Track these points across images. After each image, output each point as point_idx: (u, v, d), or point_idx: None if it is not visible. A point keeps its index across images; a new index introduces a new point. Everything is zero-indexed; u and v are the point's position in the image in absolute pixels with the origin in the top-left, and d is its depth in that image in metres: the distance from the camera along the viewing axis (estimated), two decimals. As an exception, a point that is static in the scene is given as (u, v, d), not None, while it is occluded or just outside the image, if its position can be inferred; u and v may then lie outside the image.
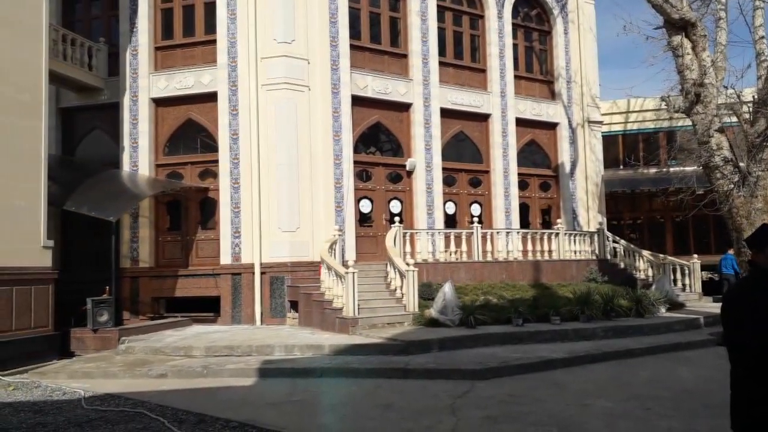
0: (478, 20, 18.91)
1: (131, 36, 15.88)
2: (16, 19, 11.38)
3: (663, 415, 6.87)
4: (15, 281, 10.98)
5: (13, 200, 11.05)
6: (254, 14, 14.99)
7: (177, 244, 15.78)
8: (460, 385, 8.53)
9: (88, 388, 8.90)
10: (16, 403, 8.23)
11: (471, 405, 7.43)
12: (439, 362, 9.75)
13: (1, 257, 10.73)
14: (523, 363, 9.68)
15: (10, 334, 10.80)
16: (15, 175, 11.11)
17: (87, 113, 16.59)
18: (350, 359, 10.17)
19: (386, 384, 8.77)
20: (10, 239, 10.92)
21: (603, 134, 21.90)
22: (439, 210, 17.22)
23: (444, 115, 17.66)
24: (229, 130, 15.17)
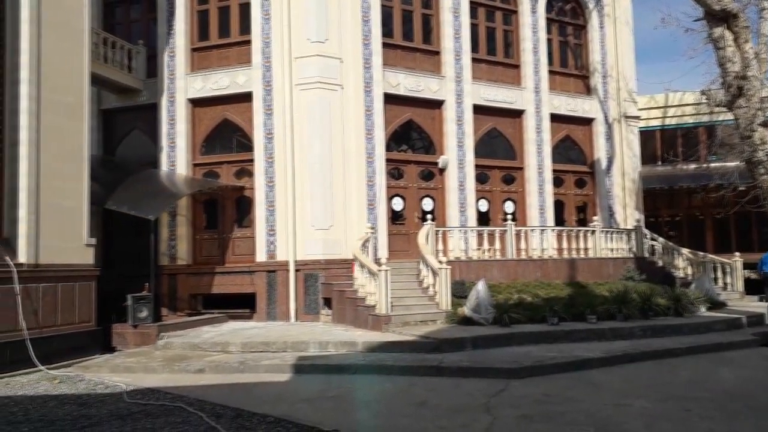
0: (512, 16, 18.72)
1: (168, 38, 16.23)
2: (61, 24, 11.75)
3: (704, 416, 6.72)
4: (60, 278, 11.37)
5: (58, 199, 11.43)
6: (288, 14, 15.15)
7: (214, 242, 16.08)
8: (495, 383, 8.49)
9: (130, 382, 9.16)
10: (61, 395, 8.52)
11: (506, 404, 7.40)
12: (473, 360, 9.72)
13: (47, 255, 11.11)
14: (559, 362, 9.58)
15: (55, 329, 11.18)
16: (60, 174, 11.50)
17: (127, 114, 17.03)
18: (383, 356, 10.22)
19: (420, 382, 8.79)
20: (55, 237, 11.30)
21: (640, 129, 21.45)
22: (471, 207, 17.14)
23: (477, 111, 17.55)
24: (264, 129, 15.38)
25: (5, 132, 10.93)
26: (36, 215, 10.95)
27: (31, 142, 10.98)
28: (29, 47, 11.07)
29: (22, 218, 10.78)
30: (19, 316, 10.38)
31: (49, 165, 11.25)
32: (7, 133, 10.94)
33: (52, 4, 11.56)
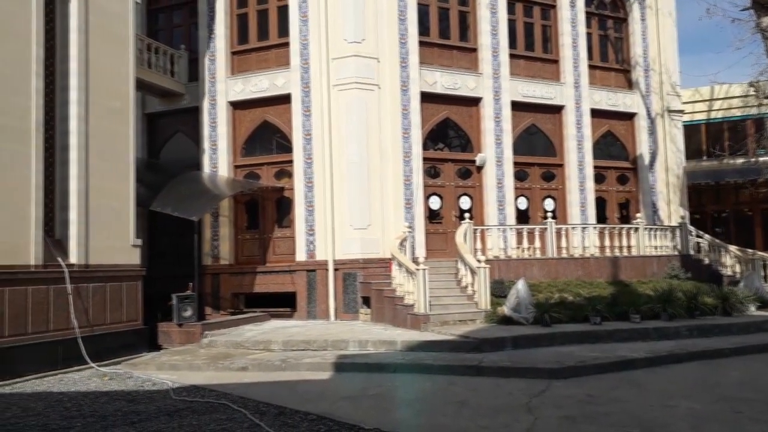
0: (550, 10, 18.45)
1: (209, 42, 16.57)
2: (107, 32, 12.15)
3: (755, 419, 6.52)
4: (108, 278, 11.76)
5: (106, 201, 11.83)
6: (325, 15, 15.29)
7: (255, 241, 16.36)
8: (536, 384, 8.41)
9: (175, 380, 9.41)
10: (111, 392, 8.82)
11: (548, 404, 7.32)
12: (514, 360, 9.64)
13: (96, 255, 11.51)
14: (602, 362, 9.42)
15: (105, 328, 11.59)
16: (108, 177, 11.90)
17: (170, 118, 17.47)
18: (423, 355, 10.23)
19: (459, 381, 8.77)
20: (104, 238, 11.70)
21: (684, 123, 20.85)
22: (510, 205, 16.97)
23: (515, 108, 17.37)
24: (303, 130, 15.56)
25: (56, 137, 11.37)
26: (86, 217, 11.36)
27: (80, 146, 11.39)
28: (78, 55, 11.49)
29: (72, 220, 11.20)
30: (71, 314, 10.79)
31: (97, 168, 11.65)
32: (57, 138, 11.38)
33: (99, 12, 11.96)
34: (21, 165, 10.21)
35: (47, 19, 11.07)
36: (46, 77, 11.00)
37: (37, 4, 10.64)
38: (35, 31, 10.58)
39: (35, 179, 10.42)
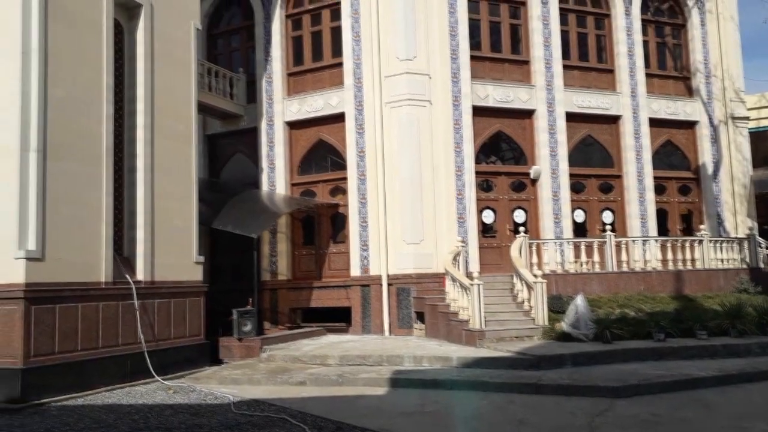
0: (604, 20, 18.14)
1: (266, 64, 17.12)
2: (171, 58, 12.76)
3: (835, 445, 6.17)
4: (172, 294, 12.23)
5: (171, 220, 12.34)
6: (377, 35, 15.56)
7: (311, 257, 16.67)
8: (598, 402, 8.21)
9: (236, 394, 9.67)
10: (175, 405, 9.15)
11: (611, 424, 7.14)
12: (574, 378, 9.44)
13: (161, 272, 12.00)
14: (667, 381, 9.11)
15: (170, 342, 12.03)
16: (172, 197, 12.42)
17: (229, 138, 18.10)
18: (479, 372, 10.15)
19: (518, 399, 8.66)
20: (168, 256, 12.19)
21: (750, 131, 19.99)
22: (567, 218, 16.67)
23: (570, 119, 17.11)
24: (356, 148, 15.82)
25: (124, 159, 11.97)
26: (152, 236, 11.87)
27: (146, 168, 11.95)
28: (144, 81, 12.10)
29: (140, 239, 11.73)
30: (138, 329, 11.27)
31: (162, 188, 12.19)
32: (126, 160, 11.98)
33: (164, 40, 12.58)
34: (93, 187, 10.79)
35: (116, 47, 11.73)
36: (116, 103, 11.61)
37: (107, 34, 11.30)
38: (106, 60, 11.23)
39: (106, 200, 10.99)
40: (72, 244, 10.30)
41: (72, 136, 10.49)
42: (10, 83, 9.96)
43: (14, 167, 9.77)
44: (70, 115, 10.50)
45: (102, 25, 11.18)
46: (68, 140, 10.41)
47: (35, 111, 9.94)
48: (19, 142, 9.80)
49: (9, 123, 9.90)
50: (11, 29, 10.04)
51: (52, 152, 10.11)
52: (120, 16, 11.98)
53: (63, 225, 10.15)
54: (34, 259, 9.68)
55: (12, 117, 9.90)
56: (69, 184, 10.34)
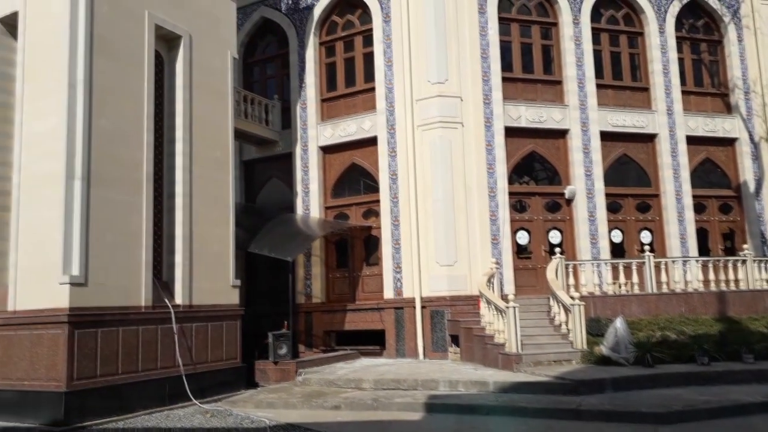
0: (637, 38, 17.98)
1: (300, 91, 17.47)
2: (209, 87, 13.13)
3: None
4: (210, 317, 12.41)
5: (208, 245, 12.58)
6: (409, 59, 15.73)
7: (345, 280, 16.74)
8: (641, 429, 7.99)
9: (272, 418, 9.70)
10: (213, 429, 9.24)
11: (653, 453, 6.94)
12: (615, 404, 9.20)
13: (199, 296, 12.21)
14: (713, 407, 8.80)
15: (207, 366, 12.17)
16: (210, 222, 12.68)
17: (265, 164, 18.43)
18: (516, 397, 9.98)
19: (557, 425, 8.48)
20: (206, 279, 12.40)
21: (794, 146, 19.39)
22: (604, 239, 16.38)
23: (604, 138, 16.92)
24: (389, 171, 15.92)
25: (164, 186, 12.30)
26: (190, 260, 12.11)
27: (185, 194, 12.25)
28: (183, 109, 12.46)
29: (178, 263, 11.98)
30: (176, 353, 11.45)
31: (200, 213, 12.46)
32: (165, 187, 12.30)
33: (202, 70, 12.97)
34: (134, 213, 11.11)
35: (157, 78, 12.13)
36: (155, 131, 11.98)
37: (149, 66, 11.72)
38: (147, 90, 11.62)
39: (146, 226, 11.28)
40: (113, 268, 10.58)
41: (114, 164, 10.84)
42: (58, 114, 10.39)
43: (60, 195, 10.14)
44: (113, 144, 10.87)
45: (144, 57, 11.61)
46: (111, 168, 10.77)
47: (80, 141, 10.34)
48: (65, 170, 10.18)
49: (56, 152, 10.31)
50: (59, 63, 10.50)
51: (95, 180, 10.47)
52: (160, 48, 12.42)
53: (105, 250, 10.45)
54: (78, 284, 9.97)
55: (59, 146, 10.30)
56: (111, 210, 10.67)
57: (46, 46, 10.78)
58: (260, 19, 18.51)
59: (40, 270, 10.16)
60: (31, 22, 11.06)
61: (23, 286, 10.42)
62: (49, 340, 9.90)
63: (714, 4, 18.55)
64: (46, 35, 10.81)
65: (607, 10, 17.76)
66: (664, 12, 17.96)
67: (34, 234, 10.42)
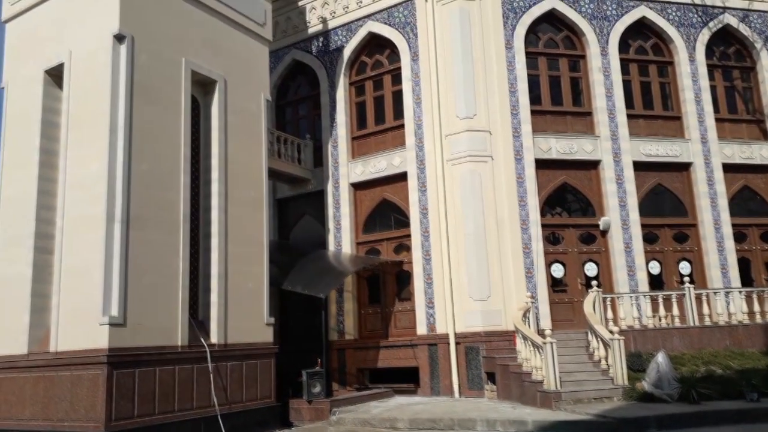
0: (667, 67, 17.87)
1: (331, 130, 17.78)
2: (244, 129, 13.50)
3: None
4: (244, 356, 12.47)
5: (243, 283, 12.74)
6: (437, 95, 15.91)
7: (377, 316, 16.68)
8: (688, 472, 7.67)
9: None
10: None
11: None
12: (659, 444, 8.88)
13: (234, 334, 12.30)
14: (765, 448, 8.43)
15: (242, 405, 12.19)
16: (244, 260, 12.86)
17: (298, 201, 18.69)
18: (557, 437, 9.72)
19: (600, 467, 8.20)
20: (240, 318, 12.52)
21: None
22: (641, 270, 16.02)
23: (637, 168, 16.69)
24: (419, 205, 15.97)
25: (200, 226, 12.56)
26: (225, 299, 12.26)
27: (220, 233, 12.48)
28: (218, 151, 12.80)
29: (213, 302, 12.14)
30: (211, 393, 11.50)
31: (234, 252, 12.65)
32: (201, 227, 12.57)
33: (237, 112, 13.35)
34: (171, 253, 11.35)
35: (193, 121, 12.53)
36: (192, 173, 12.31)
37: (185, 110, 12.12)
38: (184, 134, 12.00)
39: (182, 266, 11.51)
40: (151, 309, 10.78)
41: (152, 206, 11.15)
42: (99, 159, 10.79)
43: (100, 237, 10.44)
44: (151, 187, 11.20)
45: (181, 102, 12.03)
46: (149, 210, 11.07)
47: (120, 184, 10.68)
48: (106, 213, 10.50)
49: (97, 196, 10.67)
50: (101, 111, 10.95)
51: (134, 222, 10.77)
52: (196, 92, 12.84)
53: (143, 291, 10.67)
54: (117, 324, 10.18)
55: (99, 190, 10.67)
56: (149, 251, 10.93)
57: (89, 94, 11.27)
58: (292, 62, 19.02)
59: (81, 311, 10.41)
60: (76, 73, 11.60)
61: (64, 327, 10.68)
62: (88, 380, 10.07)
63: (745, 31, 18.37)
64: (90, 84, 11.31)
65: (635, 40, 17.74)
66: (694, 40, 17.85)
67: (76, 276, 10.72)
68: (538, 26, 16.98)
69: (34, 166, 11.78)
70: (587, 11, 17.12)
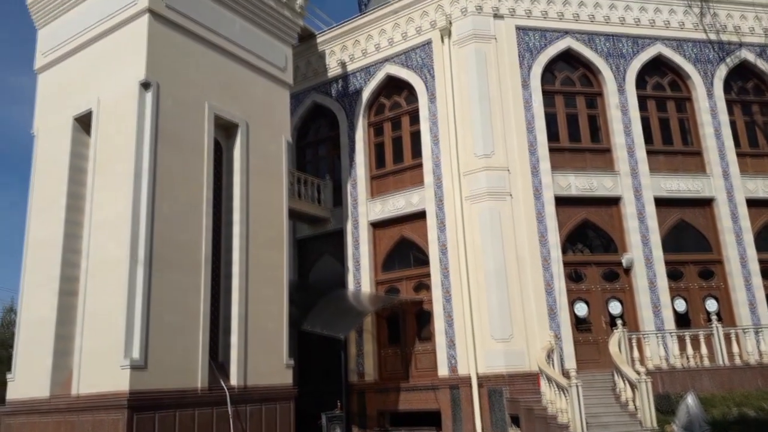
0: (685, 102, 17.86)
1: (351, 169, 17.97)
2: (265, 171, 13.72)
3: None
4: (264, 399, 12.37)
5: (263, 324, 12.74)
6: (455, 134, 16.04)
7: (397, 357, 16.48)
8: None
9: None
10: None
11: None
12: (693, 492, 8.54)
13: (254, 377, 12.23)
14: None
15: (261, 449, 12.02)
16: (264, 300, 12.89)
17: (317, 241, 18.78)
18: (585, 483, 9.39)
19: None
20: (260, 359, 12.47)
21: None
22: (667, 308, 15.69)
23: (659, 204, 16.53)
24: (438, 243, 15.93)
25: (221, 267, 12.65)
26: (245, 340, 12.25)
27: (241, 273, 12.55)
28: (240, 193, 12.99)
29: (234, 344, 12.12)
30: (233, 436, 11.39)
31: (255, 292, 12.69)
32: (222, 268, 12.65)
33: (259, 155, 13.59)
34: (192, 295, 11.42)
35: (215, 164, 12.76)
36: (213, 214, 12.46)
37: (208, 153, 12.36)
38: (206, 176, 12.22)
39: (203, 307, 11.56)
40: (171, 351, 10.79)
41: (174, 248, 11.28)
42: (123, 202, 11.01)
43: (123, 280, 10.56)
44: (174, 229, 11.35)
45: (203, 145, 12.29)
46: (171, 252, 11.20)
47: (143, 226, 10.85)
48: (129, 255, 10.65)
49: (121, 238, 10.85)
50: (126, 155, 11.22)
51: (156, 263, 10.89)
52: (219, 136, 13.12)
53: (164, 333, 10.71)
54: (138, 367, 10.20)
55: (123, 232, 10.85)
56: (170, 293, 11.01)
57: (116, 139, 11.58)
58: (312, 104, 19.38)
59: (103, 353, 10.47)
60: (103, 119, 11.95)
61: (87, 370, 10.72)
62: (109, 425, 10.06)
63: (762, 65, 18.35)
64: (116, 130, 11.63)
65: (651, 77, 17.81)
66: (711, 76, 17.87)
67: (98, 318, 10.82)
68: (555, 65, 17.15)
69: (62, 210, 12.05)
70: (603, 49, 17.28)
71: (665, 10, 17.92)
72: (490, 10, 16.67)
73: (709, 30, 18.08)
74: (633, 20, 17.63)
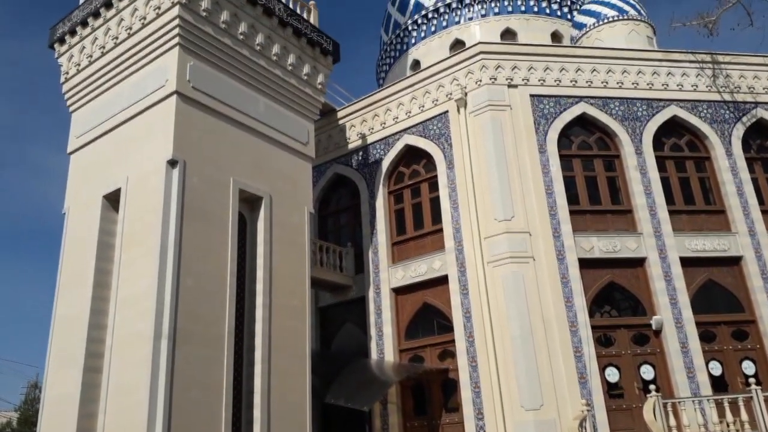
0: (704, 162, 17.87)
1: (372, 237, 18.12)
2: (288, 241, 13.88)
3: None
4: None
5: (286, 396, 12.54)
6: (474, 200, 16.18)
7: (424, 429, 16.00)
8: None
9: None
10: None
11: None
12: None
13: (277, 452, 11.94)
14: None
15: None
16: (287, 372, 12.74)
17: (339, 309, 18.72)
18: None
19: None
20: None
21: None
22: (701, 372, 15.14)
23: (685, 264, 16.25)
24: (462, 308, 15.77)
25: (244, 339, 12.63)
26: (267, 414, 12.04)
27: (264, 345, 12.50)
28: (263, 264, 13.13)
29: (256, 419, 11.91)
30: None
31: (277, 364, 12.58)
32: (245, 340, 12.63)
33: (282, 226, 13.80)
34: (215, 369, 11.36)
35: (239, 236, 12.98)
36: (237, 285, 12.57)
37: (233, 227, 12.60)
38: (230, 249, 12.41)
39: (226, 381, 11.45)
40: (194, 428, 10.64)
41: (198, 321, 11.34)
42: (149, 277, 11.19)
43: (147, 355, 10.59)
44: (197, 302, 11.45)
45: (228, 219, 12.55)
46: (195, 325, 11.25)
47: (168, 300, 10.97)
48: (153, 330, 10.72)
49: (146, 312, 10.96)
50: (153, 230, 11.51)
51: (180, 337, 10.93)
52: (243, 209, 13.42)
53: (187, 409, 10.62)
54: (162, 445, 10.05)
55: (148, 306, 10.97)
56: (194, 367, 10.97)
57: (143, 215, 11.91)
58: (333, 175, 19.80)
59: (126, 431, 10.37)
60: (132, 196, 12.35)
61: (110, 448, 10.60)
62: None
63: (780, 122, 18.42)
64: (143, 206, 11.98)
65: (668, 138, 17.93)
66: (729, 135, 17.93)
67: (122, 395, 10.79)
68: (570, 129, 17.40)
69: (89, 286, 12.27)
70: (617, 113, 17.54)
71: (678, 74, 18.25)
72: (504, 80, 17.14)
73: (723, 91, 18.30)
74: (646, 84, 17.95)
